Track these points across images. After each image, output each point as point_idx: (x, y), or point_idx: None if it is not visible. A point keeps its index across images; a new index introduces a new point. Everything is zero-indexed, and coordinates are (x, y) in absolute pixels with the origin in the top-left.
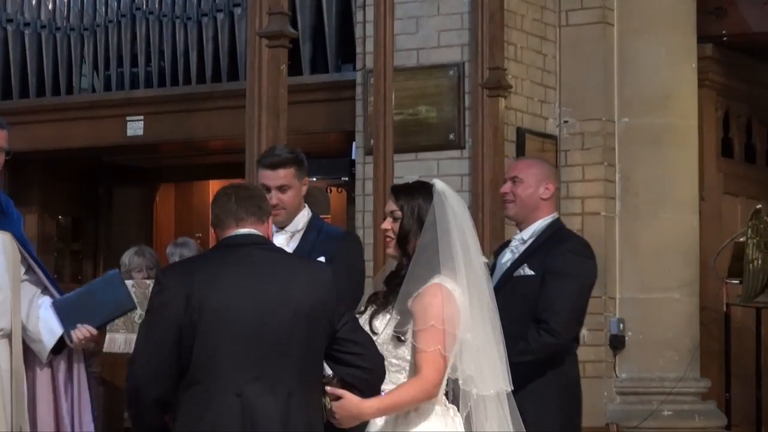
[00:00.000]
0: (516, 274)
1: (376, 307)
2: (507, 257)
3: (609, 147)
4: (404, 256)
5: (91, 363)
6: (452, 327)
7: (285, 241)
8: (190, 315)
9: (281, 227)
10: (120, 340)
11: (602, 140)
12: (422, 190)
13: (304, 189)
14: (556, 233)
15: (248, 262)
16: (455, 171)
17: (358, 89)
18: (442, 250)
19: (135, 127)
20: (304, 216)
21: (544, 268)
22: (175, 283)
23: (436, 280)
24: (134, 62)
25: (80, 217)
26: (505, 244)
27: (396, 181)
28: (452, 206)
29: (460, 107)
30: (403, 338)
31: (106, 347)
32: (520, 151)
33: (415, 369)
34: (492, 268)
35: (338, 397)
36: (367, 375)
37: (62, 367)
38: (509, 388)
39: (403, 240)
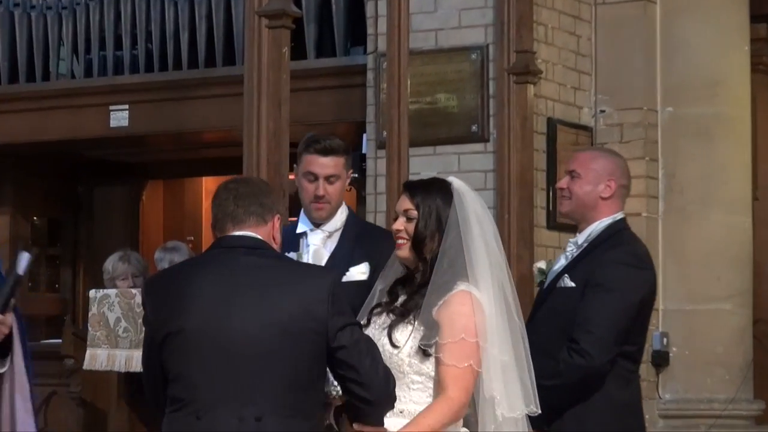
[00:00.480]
0: (558, 284)
1: (396, 317)
2: (560, 263)
3: (651, 140)
4: (419, 260)
5: (69, 382)
6: (484, 340)
7: (321, 241)
8: (164, 333)
9: (317, 225)
10: (102, 356)
11: (643, 132)
12: (441, 188)
13: (347, 185)
14: (611, 238)
15: (232, 268)
16: (478, 167)
17: (370, 75)
18: (467, 255)
19: (119, 118)
20: (342, 213)
21: (585, 279)
22: (152, 299)
23: (462, 287)
24: (118, 45)
25: (58, 219)
26: None
27: (411, 178)
28: (473, 207)
29: (483, 95)
30: (430, 351)
31: (87, 364)
32: (551, 144)
33: (440, 385)
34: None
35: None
36: (366, 406)
37: None
38: (537, 409)
39: (419, 243)
